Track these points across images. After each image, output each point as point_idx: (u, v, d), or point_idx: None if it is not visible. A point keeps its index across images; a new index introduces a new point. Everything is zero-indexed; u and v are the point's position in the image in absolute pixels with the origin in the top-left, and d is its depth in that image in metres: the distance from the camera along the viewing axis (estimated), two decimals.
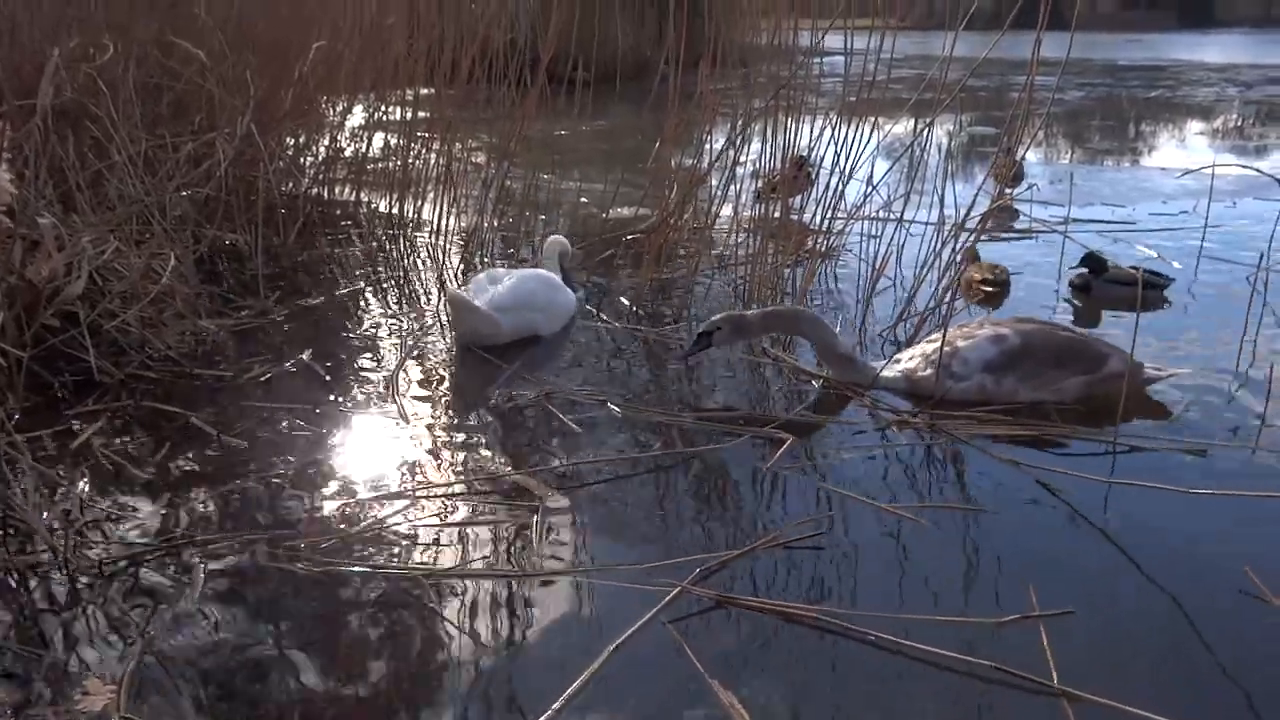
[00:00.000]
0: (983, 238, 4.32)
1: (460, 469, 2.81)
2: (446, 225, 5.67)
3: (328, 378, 3.44)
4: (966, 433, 3.01)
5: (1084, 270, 4.57)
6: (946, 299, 3.88)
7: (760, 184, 4.87)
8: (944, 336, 3.24)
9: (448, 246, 5.42)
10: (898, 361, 3.39)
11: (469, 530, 2.47)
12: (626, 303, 4.41)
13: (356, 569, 2.27)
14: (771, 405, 3.29)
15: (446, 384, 3.46)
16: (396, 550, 2.37)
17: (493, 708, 1.86)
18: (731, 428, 3.04)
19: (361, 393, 3.33)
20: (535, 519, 2.50)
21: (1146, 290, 4.35)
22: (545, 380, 3.44)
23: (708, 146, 5.33)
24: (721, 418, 3.13)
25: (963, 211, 3.97)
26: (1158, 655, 2.03)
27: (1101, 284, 4.52)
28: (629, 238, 5.30)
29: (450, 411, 3.23)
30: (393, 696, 1.89)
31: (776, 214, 4.72)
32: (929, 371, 3.28)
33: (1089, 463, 2.87)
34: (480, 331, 3.70)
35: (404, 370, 3.53)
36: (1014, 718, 1.87)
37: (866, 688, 1.93)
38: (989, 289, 4.54)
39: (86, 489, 2.60)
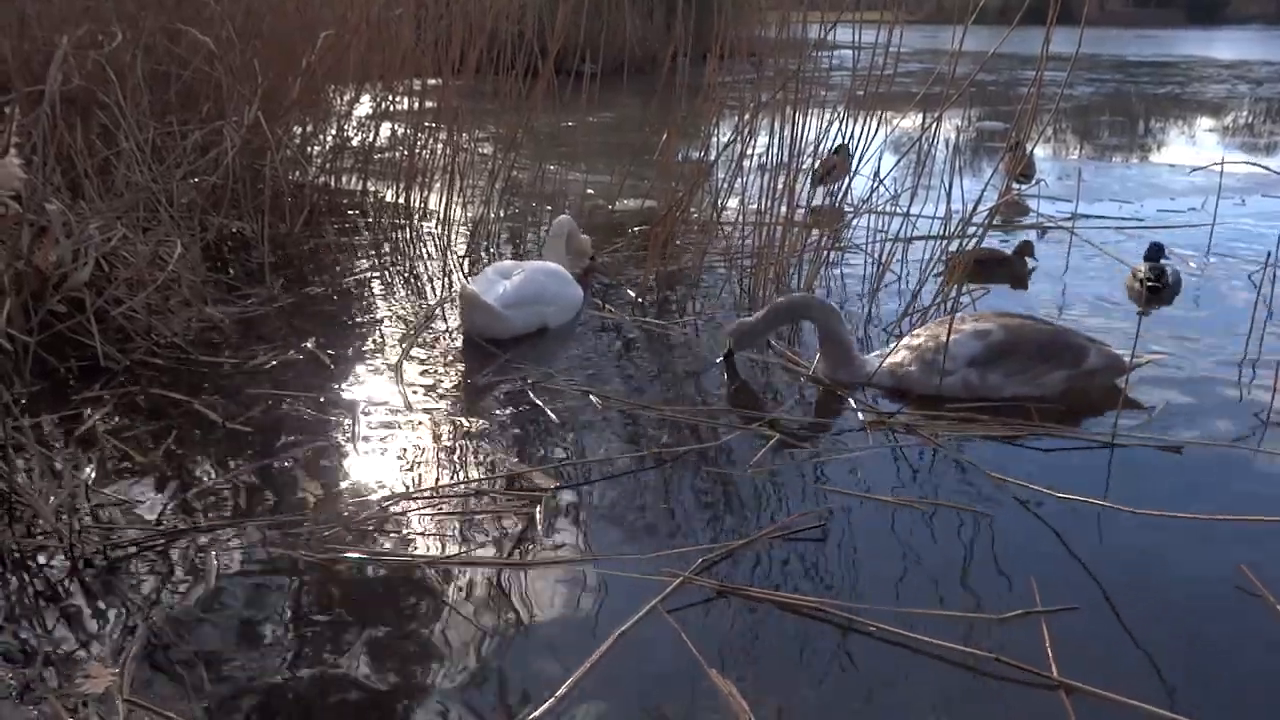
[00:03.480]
0: (990, 233, 4.31)
1: (463, 458, 2.81)
2: (452, 215, 5.68)
3: (333, 366, 3.45)
4: (952, 432, 3.00)
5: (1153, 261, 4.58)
6: (951, 294, 3.88)
7: (812, 172, 4.88)
8: (949, 332, 3.24)
9: (453, 236, 5.43)
10: (882, 357, 3.39)
11: (472, 519, 2.48)
12: (632, 294, 4.41)
13: (360, 556, 2.28)
14: (761, 402, 3.28)
15: (451, 373, 3.47)
16: (400, 538, 2.38)
17: (494, 695, 1.87)
18: (722, 423, 3.05)
19: (366, 381, 3.34)
20: (538, 509, 2.51)
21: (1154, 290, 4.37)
22: (548, 373, 3.45)
23: (714, 139, 5.33)
24: (713, 413, 3.13)
25: (970, 206, 3.97)
26: (1157, 650, 2.03)
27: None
28: (635, 230, 5.30)
29: (454, 401, 3.24)
30: (395, 682, 1.90)
31: (809, 204, 4.73)
32: (914, 368, 3.29)
33: (1080, 462, 2.87)
34: (490, 327, 3.71)
35: (408, 359, 3.54)
36: (1012, 709, 1.87)
37: (866, 677, 1.94)
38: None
39: (92, 474, 2.61)
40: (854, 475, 2.76)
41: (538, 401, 3.19)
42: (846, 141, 4.75)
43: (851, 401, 3.27)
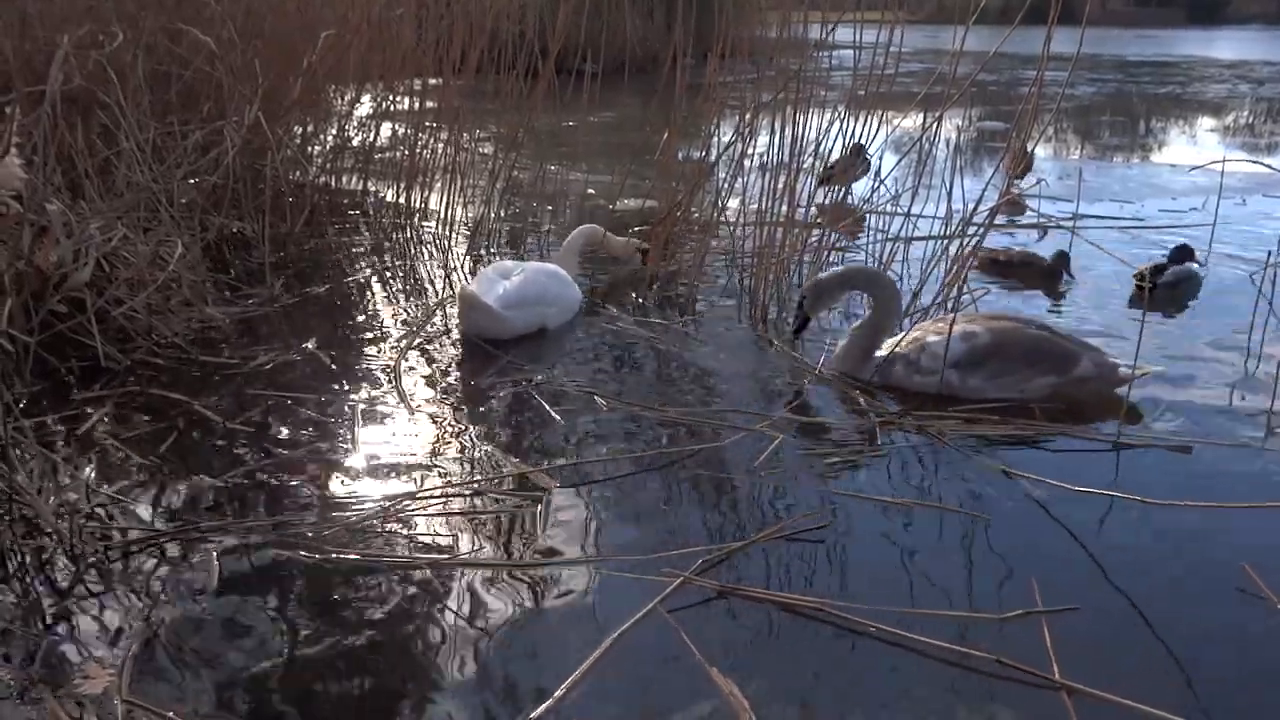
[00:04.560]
0: (991, 233, 4.31)
1: (464, 459, 2.81)
2: (453, 215, 5.67)
3: (333, 366, 3.45)
4: (961, 433, 3.00)
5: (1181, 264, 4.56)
6: (952, 293, 3.87)
7: (820, 170, 4.89)
8: (950, 330, 3.24)
9: (454, 236, 5.43)
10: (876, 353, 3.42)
11: (472, 520, 2.48)
12: (633, 294, 4.41)
13: (360, 557, 2.28)
14: (767, 401, 3.28)
15: (451, 374, 3.47)
16: (400, 539, 2.38)
17: (495, 695, 1.86)
18: (725, 423, 3.04)
19: (366, 381, 3.33)
20: (539, 509, 2.51)
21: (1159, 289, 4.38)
22: (548, 373, 3.44)
23: (715, 139, 5.33)
24: (715, 413, 3.13)
25: (970, 206, 3.97)
26: (1158, 651, 2.03)
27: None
28: (636, 229, 5.30)
29: (454, 402, 3.24)
30: (396, 683, 1.90)
31: (809, 202, 4.73)
32: (898, 365, 3.31)
33: (1086, 461, 2.86)
34: (490, 328, 3.71)
35: (408, 360, 3.53)
36: (1014, 710, 1.87)
37: (867, 678, 1.93)
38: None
39: (92, 474, 2.61)
40: (856, 475, 2.76)
41: (539, 402, 3.19)
42: (860, 140, 4.75)
43: (860, 401, 3.26)
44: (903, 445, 2.95)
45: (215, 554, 2.27)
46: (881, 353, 3.37)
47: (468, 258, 5.03)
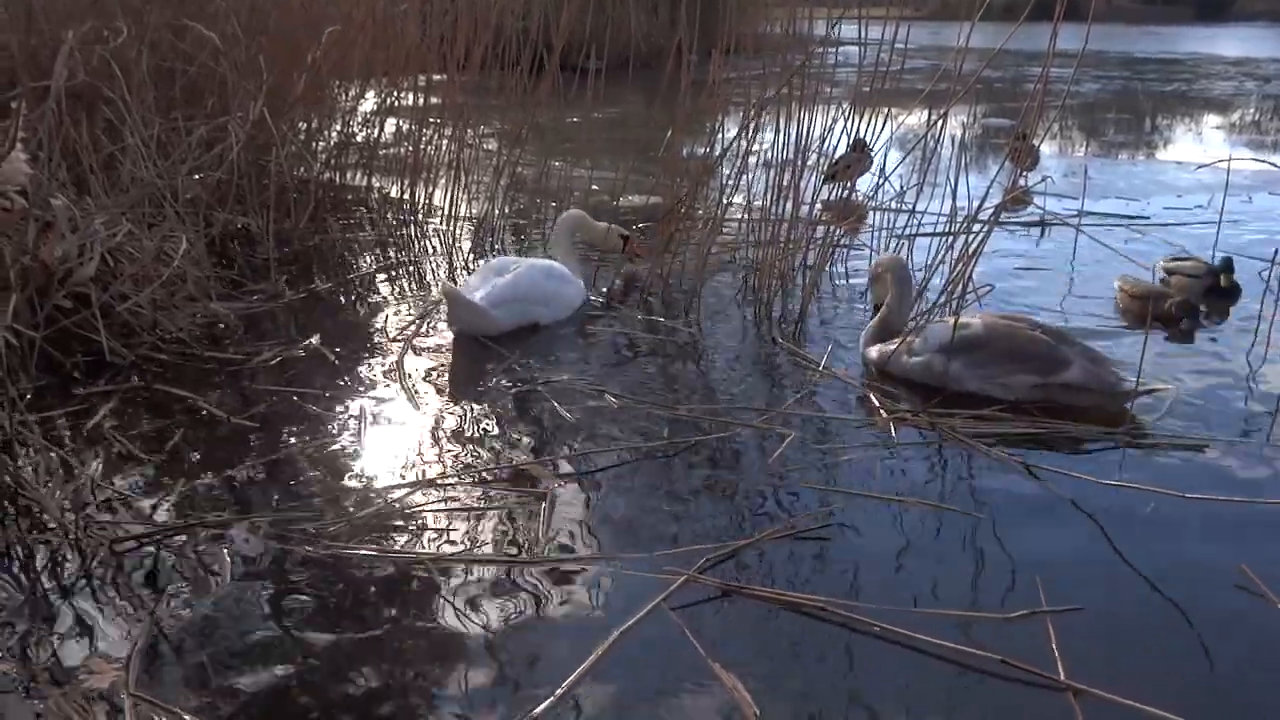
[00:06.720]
0: (995, 229, 4.29)
1: (467, 455, 2.81)
2: (457, 211, 5.67)
3: (337, 362, 3.45)
4: (969, 431, 2.99)
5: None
6: (957, 291, 3.87)
7: (824, 167, 4.86)
8: (954, 327, 3.24)
9: (458, 232, 5.42)
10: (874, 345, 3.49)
11: (476, 516, 2.48)
12: (637, 291, 4.40)
13: (364, 553, 2.28)
14: (773, 399, 3.28)
15: (455, 371, 3.46)
16: (404, 534, 2.38)
17: (499, 691, 1.86)
18: (730, 420, 3.04)
19: (370, 377, 3.33)
20: (543, 506, 2.51)
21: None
22: (552, 370, 3.44)
23: (720, 136, 5.31)
24: (721, 411, 3.13)
25: (975, 203, 3.96)
26: (1162, 651, 2.03)
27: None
28: (639, 226, 5.29)
29: (457, 398, 3.24)
30: (400, 678, 1.90)
31: (813, 199, 4.72)
32: (890, 347, 3.38)
33: (1093, 461, 2.86)
34: (475, 324, 3.69)
35: (411, 355, 3.53)
36: (1020, 711, 1.87)
37: (870, 676, 1.93)
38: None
39: (97, 469, 2.61)
40: (862, 473, 2.75)
41: (544, 398, 3.19)
42: (863, 137, 4.72)
43: (870, 399, 3.26)
44: (912, 443, 2.94)
45: (224, 549, 2.27)
46: (885, 346, 3.40)
47: (472, 253, 5.03)
